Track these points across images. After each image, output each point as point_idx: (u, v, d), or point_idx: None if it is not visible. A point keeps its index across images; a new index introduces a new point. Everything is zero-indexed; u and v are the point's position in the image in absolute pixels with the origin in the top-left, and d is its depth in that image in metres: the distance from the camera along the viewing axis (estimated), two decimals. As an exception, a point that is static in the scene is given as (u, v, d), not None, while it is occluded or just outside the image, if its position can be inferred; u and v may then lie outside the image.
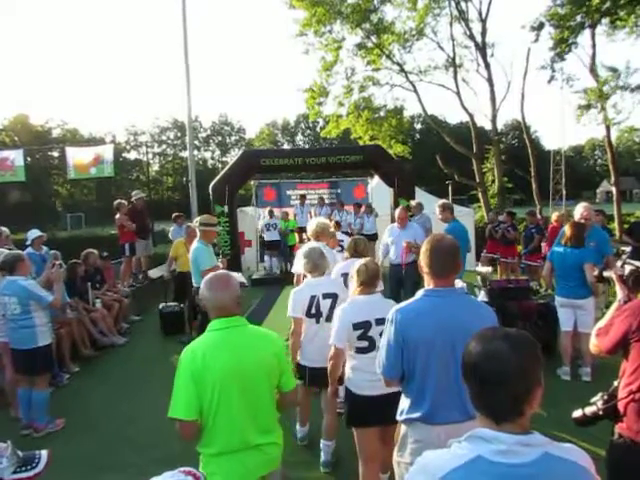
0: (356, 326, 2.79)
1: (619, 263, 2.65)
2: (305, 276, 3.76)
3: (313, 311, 3.49)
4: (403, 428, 2.23)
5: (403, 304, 2.21)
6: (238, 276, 7.54)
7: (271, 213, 11.61)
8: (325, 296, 3.48)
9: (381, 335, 2.44)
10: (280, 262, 11.58)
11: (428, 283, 2.23)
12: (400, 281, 6.30)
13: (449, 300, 2.15)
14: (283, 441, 2.28)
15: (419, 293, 2.22)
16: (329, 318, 3.40)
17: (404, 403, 2.20)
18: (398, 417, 2.24)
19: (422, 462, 1.22)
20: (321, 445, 3.59)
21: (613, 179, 17.13)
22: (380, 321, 2.68)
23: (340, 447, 3.61)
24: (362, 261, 2.95)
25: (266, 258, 11.73)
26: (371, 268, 2.87)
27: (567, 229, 5.07)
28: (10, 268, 4.26)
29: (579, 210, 5.43)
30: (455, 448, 1.18)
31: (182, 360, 2.08)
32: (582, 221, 5.27)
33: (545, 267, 5.46)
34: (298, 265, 3.72)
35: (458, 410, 2.06)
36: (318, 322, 3.49)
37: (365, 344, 2.82)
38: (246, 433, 2.07)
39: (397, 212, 6.75)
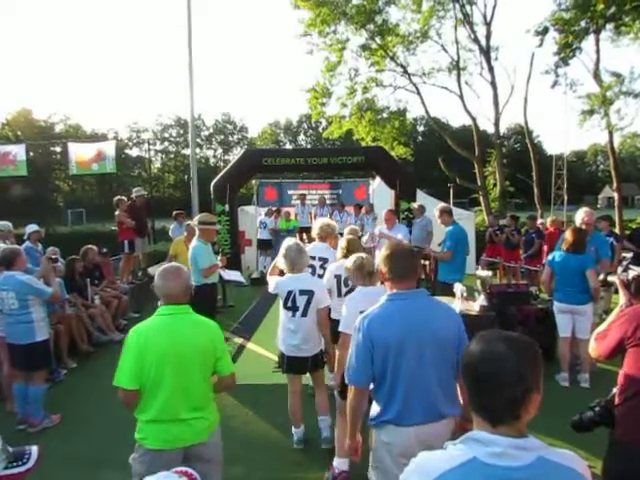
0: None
1: (620, 269, 2.65)
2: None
3: (289, 305, 3.65)
4: (375, 433, 2.27)
5: (369, 311, 2.26)
6: (236, 275, 7.57)
7: (270, 212, 11.60)
8: (302, 292, 3.61)
9: None
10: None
11: (391, 288, 2.29)
12: None
13: (414, 302, 2.23)
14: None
15: (383, 298, 2.28)
16: (305, 313, 3.63)
17: (374, 409, 2.25)
18: (369, 422, 2.29)
19: (417, 462, 1.22)
20: (319, 423, 3.79)
21: (615, 185, 17.09)
22: None
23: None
24: (362, 258, 3.14)
25: (260, 258, 11.72)
26: (370, 263, 3.11)
27: (568, 235, 5.04)
28: (7, 263, 4.26)
29: (580, 215, 5.41)
30: (450, 449, 1.18)
31: (128, 340, 2.41)
32: (583, 226, 5.25)
33: (544, 273, 5.39)
34: (279, 261, 3.86)
35: (428, 410, 2.13)
36: (294, 316, 3.64)
37: None
38: (177, 407, 2.35)
39: (384, 214, 6.84)
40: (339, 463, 3.34)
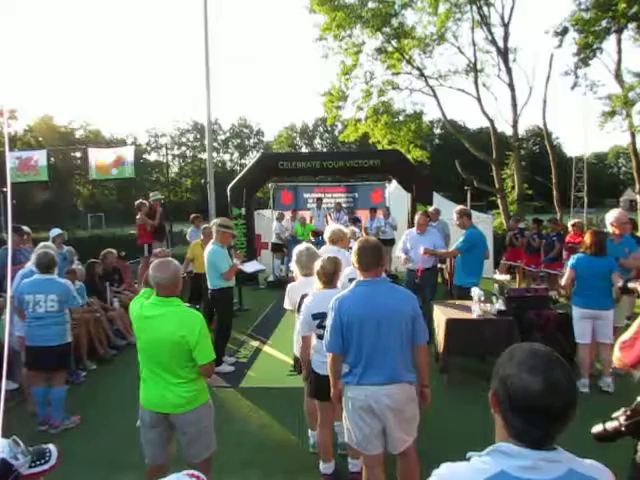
0: (315, 316, 3.20)
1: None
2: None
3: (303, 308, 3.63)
4: (344, 389, 2.82)
5: (341, 294, 2.80)
6: (255, 264, 7.69)
7: (281, 216, 11.61)
8: None
9: None
10: (283, 264, 11.51)
11: (359, 276, 2.84)
12: (416, 286, 6.26)
13: (374, 288, 2.76)
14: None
15: (352, 284, 2.82)
16: None
17: (345, 371, 2.80)
18: (341, 381, 2.83)
19: (441, 475, 1.17)
20: (335, 428, 3.71)
21: (637, 187, 16.77)
22: None
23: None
24: (321, 263, 3.29)
25: (276, 262, 11.74)
26: (328, 269, 3.25)
27: (587, 238, 4.95)
28: (46, 267, 4.39)
29: (614, 214, 5.36)
30: (476, 462, 1.14)
31: (130, 308, 2.99)
32: (614, 224, 5.21)
33: (567, 276, 5.16)
34: (292, 267, 4.02)
35: (380, 375, 2.67)
36: None
37: (322, 332, 3.17)
38: (154, 381, 2.80)
39: (416, 218, 6.76)
40: (325, 468, 3.45)
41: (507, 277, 6.19)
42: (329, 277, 3.26)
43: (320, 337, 3.23)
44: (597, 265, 4.78)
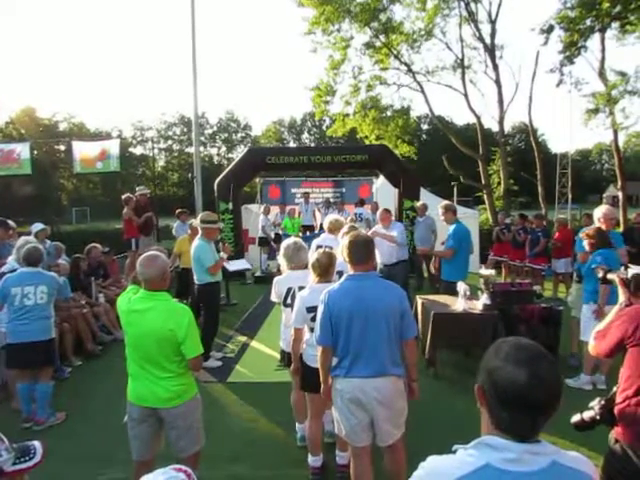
0: (309, 310, 3.18)
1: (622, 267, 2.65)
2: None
3: (289, 301, 3.69)
4: (333, 381, 2.86)
5: (331, 287, 2.84)
6: (242, 263, 7.67)
7: (266, 210, 11.54)
8: (301, 289, 3.62)
9: None
10: (272, 260, 11.46)
11: (350, 270, 2.88)
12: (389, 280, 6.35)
13: (364, 282, 2.79)
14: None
15: (343, 278, 2.87)
16: None
17: (333, 363, 2.84)
18: (330, 373, 2.88)
19: (427, 468, 1.19)
20: (323, 417, 3.71)
21: (620, 184, 17.05)
22: None
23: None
24: (316, 256, 3.30)
25: (263, 257, 11.71)
26: (323, 262, 3.25)
27: (594, 238, 4.73)
28: (34, 260, 4.34)
29: (602, 209, 5.36)
30: (462, 455, 1.15)
31: (118, 306, 2.96)
32: (602, 217, 5.22)
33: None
34: (279, 260, 4.01)
35: (368, 368, 2.70)
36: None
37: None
38: (142, 375, 2.80)
39: (378, 214, 6.92)
40: (313, 461, 3.49)
41: (492, 272, 6.26)
42: (324, 270, 3.26)
43: (313, 330, 3.22)
44: (617, 257, 4.60)
